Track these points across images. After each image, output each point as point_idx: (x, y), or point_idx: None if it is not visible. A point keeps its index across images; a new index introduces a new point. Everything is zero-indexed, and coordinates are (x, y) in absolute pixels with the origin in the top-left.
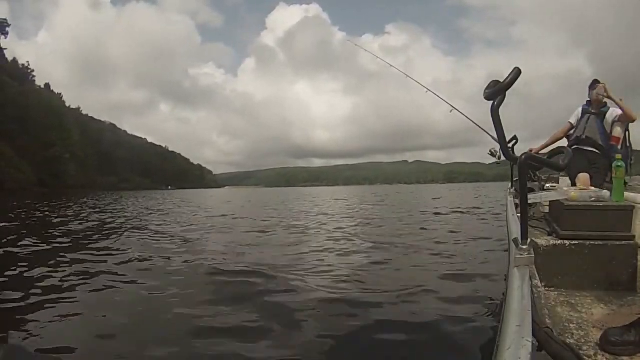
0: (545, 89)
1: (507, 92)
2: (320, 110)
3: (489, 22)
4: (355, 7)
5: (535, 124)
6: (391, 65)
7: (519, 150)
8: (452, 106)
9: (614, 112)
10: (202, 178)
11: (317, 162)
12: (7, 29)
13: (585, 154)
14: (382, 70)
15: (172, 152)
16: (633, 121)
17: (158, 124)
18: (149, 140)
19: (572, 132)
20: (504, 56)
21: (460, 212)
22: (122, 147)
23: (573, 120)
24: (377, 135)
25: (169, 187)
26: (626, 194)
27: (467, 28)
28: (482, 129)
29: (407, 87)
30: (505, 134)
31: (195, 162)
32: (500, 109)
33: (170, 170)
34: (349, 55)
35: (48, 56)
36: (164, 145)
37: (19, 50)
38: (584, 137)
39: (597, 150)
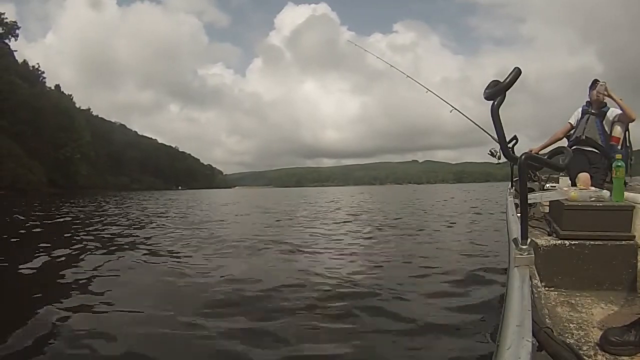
0: (556, 87)
1: (517, 92)
2: (330, 110)
3: (497, 20)
4: (364, 6)
5: (546, 122)
6: (392, 66)
7: (519, 150)
8: (452, 106)
9: (613, 112)
10: (212, 178)
11: (327, 162)
12: (17, 31)
13: (585, 154)
14: (389, 69)
15: (183, 152)
16: (633, 120)
17: (167, 124)
18: (159, 140)
19: (572, 132)
20: (513, 54)
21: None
22: (132, 148)
23: (573, 121)
24: (386, 135)
25: (179, 187)
26: (626, 194)
27: (476, 26)
28: (482, 129)
29: (415, 86)
30: (507, 134)
31: (206, 163)
32: (511, 108)
33: (181, 171)
34: (357, 54)
35: (55, 58)
36: (174, 146)
37: (27, 52)
38: (583, 137)
39: (597, 151)
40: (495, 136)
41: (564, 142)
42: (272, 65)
